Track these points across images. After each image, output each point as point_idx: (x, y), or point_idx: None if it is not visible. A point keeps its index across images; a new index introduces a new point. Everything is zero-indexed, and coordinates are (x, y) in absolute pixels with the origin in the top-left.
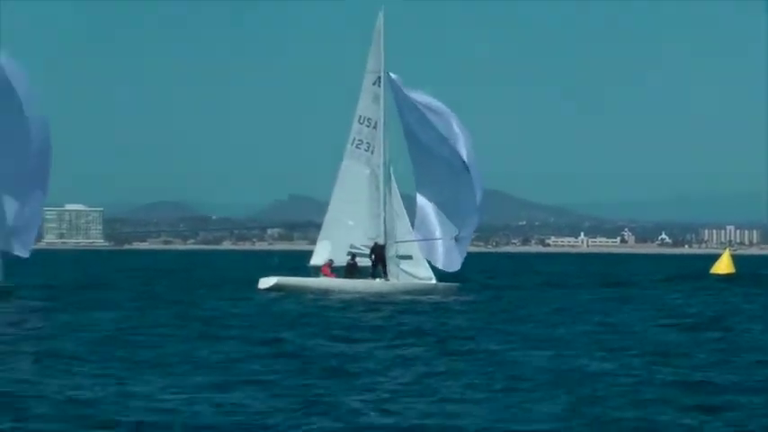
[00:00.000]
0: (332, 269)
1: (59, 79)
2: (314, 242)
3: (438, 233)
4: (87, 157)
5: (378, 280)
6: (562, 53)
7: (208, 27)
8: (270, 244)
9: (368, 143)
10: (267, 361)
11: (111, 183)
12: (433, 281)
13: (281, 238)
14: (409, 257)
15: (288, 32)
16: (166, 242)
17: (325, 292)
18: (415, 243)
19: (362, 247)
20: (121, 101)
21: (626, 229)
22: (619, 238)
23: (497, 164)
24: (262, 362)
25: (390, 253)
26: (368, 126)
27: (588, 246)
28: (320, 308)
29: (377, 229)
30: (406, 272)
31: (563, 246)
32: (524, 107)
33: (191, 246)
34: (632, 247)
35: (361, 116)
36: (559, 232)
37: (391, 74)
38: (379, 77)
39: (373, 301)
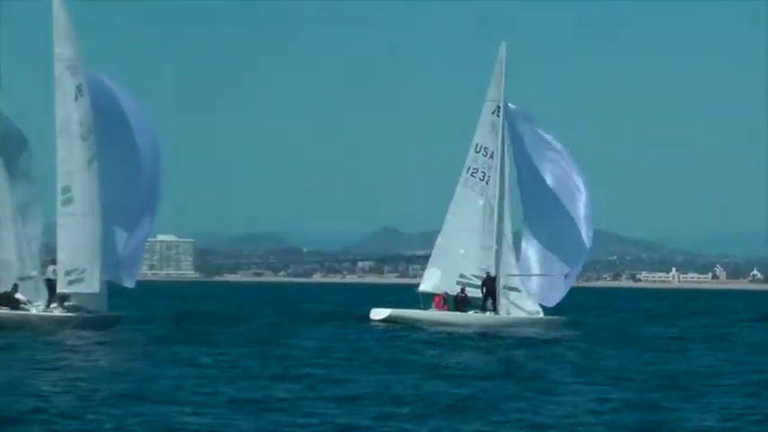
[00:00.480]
0: (444, 301)
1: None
2: (403, 275)
3: (542, 268)
4: (179, 187)
5: (488, 313)
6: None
7: (307, 54)
8: (360, 277)
9: (483, 172)
10: None
11: (203, 213)
12: (541, 314)
13: (372, 271)
14: (517, 290)
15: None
16: (257, 274)
17: (436, 325)
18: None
19: (472, 277)
20: (216, 129)
21: (718, 265)
22: (710, 274)
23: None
24: None
25: (502, 285)
26: (484, 155)
27: (680, 281)
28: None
29: (488, 261)
30: (515, 305)
31: (654, 281)
32: (616, 138)
33: (281, 278)
34: (723, 282)
35: (478, 144)
36: (651, 267)
37: (510, 104)
38: (499, 107)
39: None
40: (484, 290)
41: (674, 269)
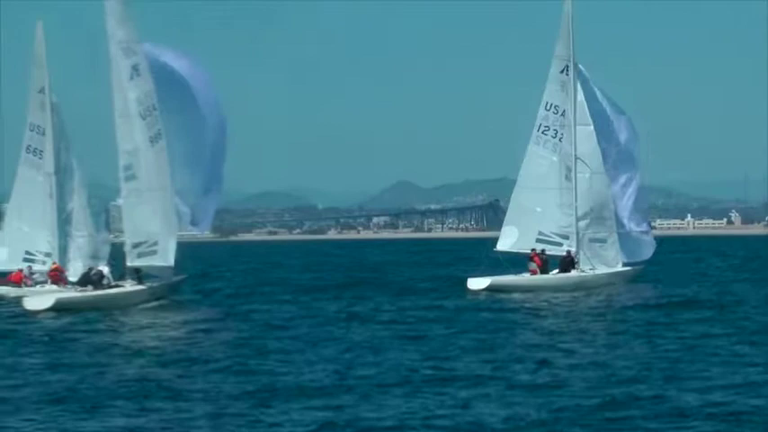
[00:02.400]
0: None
1: None
2: (419, 230)
3: (627, 224)
4: None
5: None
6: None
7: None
8: (375, 233)
9: (555, 130)
10: None
11: None
12: (620, 264)
13: (387, 226)
14: (603, 241)
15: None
16: (271, 233)
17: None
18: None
19: (552, 235)
20: (231, 86)
21: (733, 210)
22: (725, 220)
23: None
24: None
25: (584, 236)
26: (555, 113)
27: (694, 227)
28: None
29: (567, 219)
30: (598, 255)
31: (669, 229)
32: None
33: (297, 236)
34: (738, 228)
35: (548, 102)
36: (666, 214)
37: (580, 65)
38: (567, 66)
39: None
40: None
41: (689, 215)
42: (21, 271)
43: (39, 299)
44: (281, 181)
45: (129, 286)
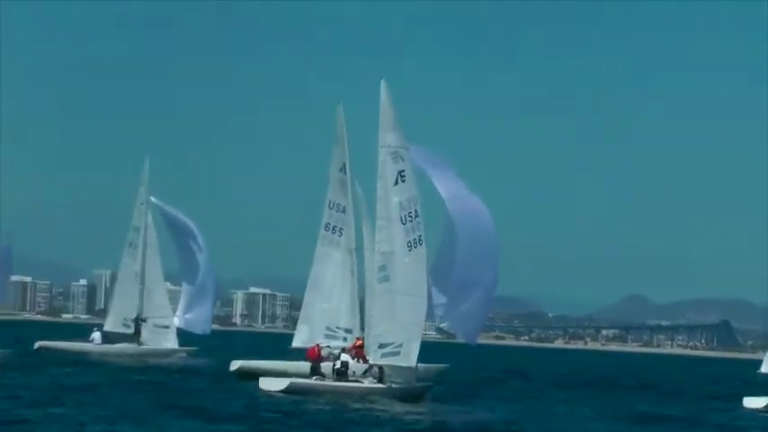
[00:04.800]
0: None
1: None
2: (647, 344)
3: None
4: None
5: None
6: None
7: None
8: (602, 345)
9: None
10: None
11: None
12: None
13: (615, 338)
14: None
15: None
16: (498, 337)
17: None
18: None
19: None
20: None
21: None
22: None
23: None
24: None
25: None
26: None
27: None
28: None
29: None
30: None
31: None
32: None
33: (523, 342)
34: None
35: None
36: None
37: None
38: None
39: None
40: None
41: None
42: (317, 346)
43: (274, 381)
44: (513, 286)
45: (368, 383)
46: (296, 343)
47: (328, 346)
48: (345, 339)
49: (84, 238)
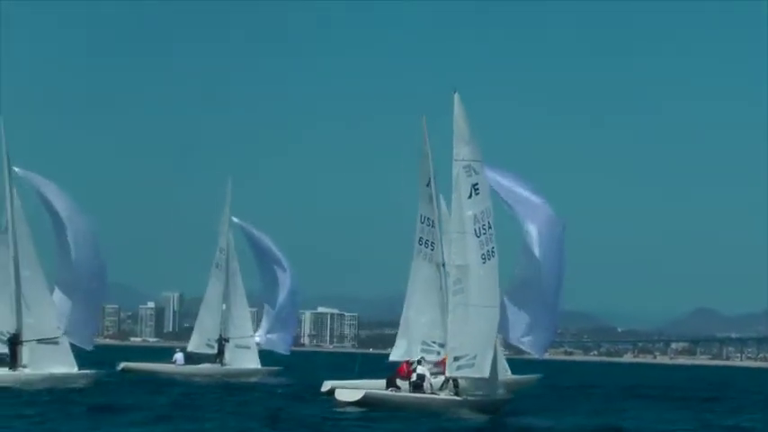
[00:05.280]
0: None
1: None
2: (716, 357)
3: None
4: None
5: None
6: None
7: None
8: (671, 358)
9: None
10: None
11: None
12: None
13: (684, 352)
14: None
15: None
16: (567, 353)
17: None
18: None
19: None
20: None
21: None
22: None
23: None
24: None
25: None
26: None
27: None
28: None
29: None
30: None
31: None
32: None
33: (592, 357)
34: None
35: None
36: None
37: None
38: None
39: None
40: None
41: None
42: (406, 363)
43: (349, 392)
44: (582, 301)
45: (444, 395)
46: (394, 357)
47: (418, 361)
48: (439, 354)
49: (151, 260)
